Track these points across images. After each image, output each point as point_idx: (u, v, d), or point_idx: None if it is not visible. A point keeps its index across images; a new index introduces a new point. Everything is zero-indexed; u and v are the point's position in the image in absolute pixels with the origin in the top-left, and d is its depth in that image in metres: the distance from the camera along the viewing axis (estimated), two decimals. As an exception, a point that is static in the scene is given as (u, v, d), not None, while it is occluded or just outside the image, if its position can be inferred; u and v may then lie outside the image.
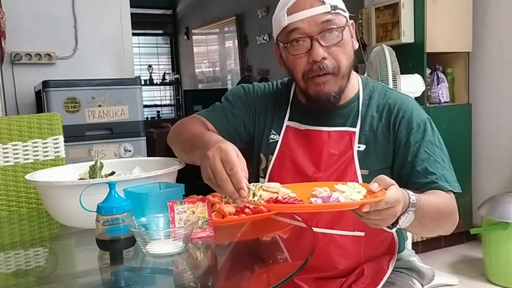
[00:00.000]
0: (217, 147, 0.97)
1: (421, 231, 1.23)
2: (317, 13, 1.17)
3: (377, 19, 3.26)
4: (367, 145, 1.24)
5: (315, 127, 1.28)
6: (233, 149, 0.98)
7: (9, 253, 1.20)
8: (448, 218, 1.16)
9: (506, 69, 3.15)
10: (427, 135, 1.22)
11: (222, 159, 0.95)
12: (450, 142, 3.24)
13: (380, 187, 0.94)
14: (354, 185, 0.97)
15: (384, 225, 0.98)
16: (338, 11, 1.19)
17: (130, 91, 2.95)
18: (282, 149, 1.30)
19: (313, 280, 1.25)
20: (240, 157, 0.98)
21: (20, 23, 3.21)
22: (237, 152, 0.98)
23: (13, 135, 1.73)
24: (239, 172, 0.94)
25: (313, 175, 1.25)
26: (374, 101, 1.27)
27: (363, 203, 0.90)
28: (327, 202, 0.92)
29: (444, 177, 1.18)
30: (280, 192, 0.96)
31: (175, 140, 1.31)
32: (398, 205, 0.94)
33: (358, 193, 0.94)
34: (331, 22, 1.18)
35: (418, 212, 1.01)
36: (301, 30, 1.18)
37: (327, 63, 1.19)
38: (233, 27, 6.61)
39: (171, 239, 0.96)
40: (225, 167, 0.95)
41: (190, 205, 1.03)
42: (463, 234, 3.28)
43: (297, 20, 1.18)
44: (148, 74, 8.06)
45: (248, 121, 1.36)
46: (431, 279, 1.36)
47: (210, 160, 0.96)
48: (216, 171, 0.95)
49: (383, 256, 1.28)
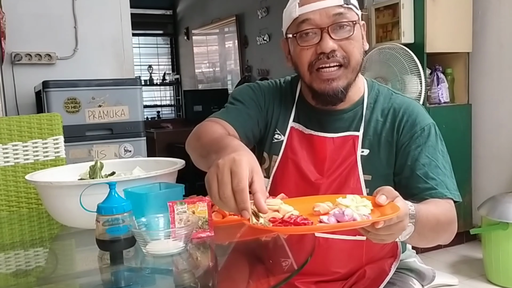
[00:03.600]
0: (231, 158, 0.85)
1: (420, 242, 1.17)
2: (330, 5, 1.15)
3: (377, 19, 3.26)
4: (371, 150, 1.22)
5: (319, 133, 1.26)
6: (248, 163, 0.85)
7: (9, 253, 1.20)
8: (447, 228, 1.12)
9: (506, 69, 3.15)
10: (430, 140, 1.19)
11: (232, 171, 0.83)
12: (450, 142, 3.24)
13: (388, 200, 0.89)
14: (355, 197, 0.91)
15: (391, 240, 0.92)
16: (350, 6, 1.17)
17: (130, 91, 2.95)
18: (286, 151, 1.28)
19: (314, 283, 1.24)
20: (257, 173, 0.86)
21: (20, 23, 3.21)
22: (253, 167, 0.85)
23: (13, 135, 1.73)
24: (245, 190, 0.82)
25: (316, 181, 1.23)
26: (379, 104, 1.25)
27: (378, 220, 0.84)
28: (342, 221, 0.85)
29: (445, 184, 1.15)
30: (281, 210, 0.89)
31: (193, 145, 1.20)
32: (406, 218, 0.91)
33: (365, 207, 0.88)
34: (343, 15, 1.16)
35: (418, 224, 0.98)
36: (312, 21, 1.16)
37: (337, 53, 1.16)
38: (233, 28, 6.61)
39: (171, 239, 0.96)
40: (232, 180, 0.83)
41: (190, 205, 1.03)
42: (463, 234, 3.27)
43: (309, 11, 1.16)
44: (148, 74, 8.05)
45: (261, 121, 1.32)
46: (432, 279, 1.36)
47: (219, 169, 0.84)
48: (222, 183, 0.83)
49: (386, 259, 1.27)
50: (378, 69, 2.71)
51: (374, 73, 2.72)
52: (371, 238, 0.90)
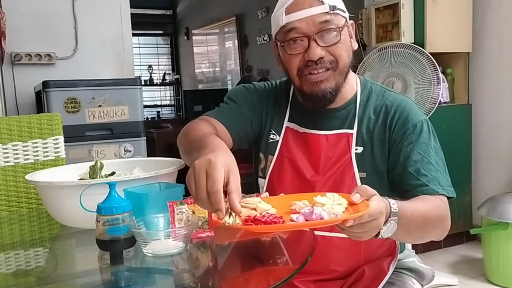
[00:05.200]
0: (207, 159, 0.88)
1: (408, 239, 1.19)
2: (316, 13, 1.16)
3: (377, 19, 3.26)
4: (364, 147, 1.23)
5: (313, 131, 1.27)
6: (223, 164, 0.88)
7: (9, 253, 1.20)
8: (437, 225, 1.12)
9: (506, 69, 3.15)
10: (422, 136, 1.20)
11: (207, 173, 0.86)
12: (450, 142, 3.27)
13: (362, 198, 0.90)
14: (334, 196, 0.93)
15: (367, 237, 0.93)
16: (337, 11, 1.18)
17: (130, 91, 2.95)
18: (282, 151, 1.30)
19: (313, 282, 1.25)
20: (233, 174, 0.89)
21: (20, 23, 3.21)
22: (230, 168, 0.89)
23: (13, 135, 1.73)
24: (219, 192, 0.85)
25: (311, 179, 1.24)
26: (372, 102, 1.26)
27: (346, 219, 0.86)
28: (309, 220, 0.87)
29: (437, 180, 1.15)
30: (258, 209, 0.90)
31: (181, 142, 1.25)
32: (381, 217, 0.92)
33: (339, 205, 0.90)
34: (330, 22, 1.17)
35: (402, 221, 0.98)
36: (298, 29, 1.17)
37: (325, 59, 1.18)
38: (233, 28, 6.62)
39: (171, 239, 0.96)
40: (207, 183, 0.86)
41: (190, 205, 1.03)
42: (463, 234, 3.28)
43: (295, 19, 1.17)
44: (148, 74, 8.06)
45: (255, 121, 1.34)
46: (431, 279, 1.36)
47: (196, 171, 0.88)
48: (199, 185, 0.87)
49: (384, 257, 1.27)
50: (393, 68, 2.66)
51: (388, 71, 2.67)
52: (347, 235, 0.92)
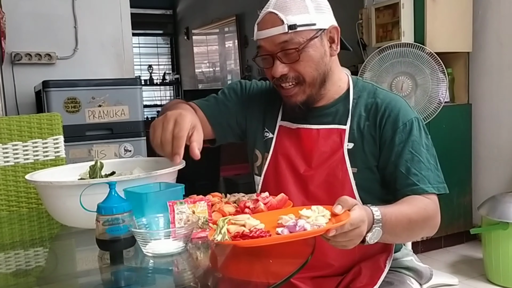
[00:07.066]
0: (178, 112, 1.05)
1: (396, 241, 1.26)
2: (275, 34, 1.19)
3: (377, 19, 3.26)
4: (355, 144, 1.24)
5: (304, 125, 1.30)
6: (191, 119, 1.05)
7: (9, 253, 1.20)
8: (423, 225, 1.15)
9: (506, 69, 3.15)
10: (412, 134, 1.21)
11: (176, 121, 1.03)
12: (450, 142, 3.28)
13: (343, 209, 0.95)
14: (318, 208, 0.97)
15: (352, 245, 0.98)
16: (298, 29, 1.17)
17: (130, 91, 2.95)
18: (276, 148, 1.32)
19: (310, 279, 1.25)
20: (197, 130, 1.07)
21: (20, 23, 3.21)
22: (195, 125, 1.06)
23: (13, 135, 1.73)
24: (183, 138, 1.01)
25: (304, 173, 1.26)
26: (363, 100, 1.28)
27: (328, 229, 0.90)
28: (293, 232, 0.92)
29: (427, 179, 1.17)
30: (247, 225, 0.95)
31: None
32: (363, 225, 0.96)
33: (323, 217, 0.94)
34: (289, 42, 1.18)
35: (387, 226, 1.03)
36: (264, 48, 1.23)
37: (289, 75, 1.22)
38: (233, 27, 6.61)
39: (171, 239, 0.96)
40: (174, 128, 1.02)
41: (190, 205, 1.03)
42: (463, 234, 3.28)
43: (261, 38, 1.22)
44: (148, 74, 8.06)
45: (241, 116, 1.39)
46: (429, 278, 1.36)
47: (166, 118, 1.04)
48: (166, 129, 1.03)
49: (380, 254, 1.28)
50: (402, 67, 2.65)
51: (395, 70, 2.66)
52: (333, 245, 0.97)
